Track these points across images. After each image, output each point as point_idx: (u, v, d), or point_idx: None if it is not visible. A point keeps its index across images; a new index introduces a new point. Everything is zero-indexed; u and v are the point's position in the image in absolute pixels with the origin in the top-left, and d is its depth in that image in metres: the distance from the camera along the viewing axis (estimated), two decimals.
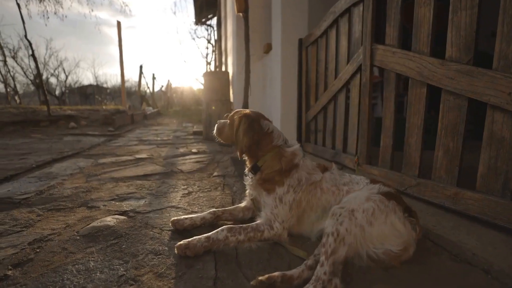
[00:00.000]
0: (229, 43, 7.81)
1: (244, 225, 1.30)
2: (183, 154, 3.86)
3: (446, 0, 1.64)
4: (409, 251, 1.16)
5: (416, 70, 1.83)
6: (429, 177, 1.76)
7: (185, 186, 2.35)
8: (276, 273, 1.05)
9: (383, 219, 1.13)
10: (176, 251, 1.22)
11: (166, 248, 1.31)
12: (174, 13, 46.79)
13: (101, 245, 1.35)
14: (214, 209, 1.58)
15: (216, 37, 12.58)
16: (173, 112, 15.25)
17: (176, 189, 2.27)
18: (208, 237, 1.24)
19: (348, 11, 2.61)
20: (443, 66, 1.65)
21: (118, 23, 10.88)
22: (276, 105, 4.13)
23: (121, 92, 11.52)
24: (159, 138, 5.64)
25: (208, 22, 15.80)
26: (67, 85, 26.35)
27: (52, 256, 1.25)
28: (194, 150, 4.16)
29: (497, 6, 1.37)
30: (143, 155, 3.74)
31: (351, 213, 1.13)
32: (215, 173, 2.79)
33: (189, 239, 1.24)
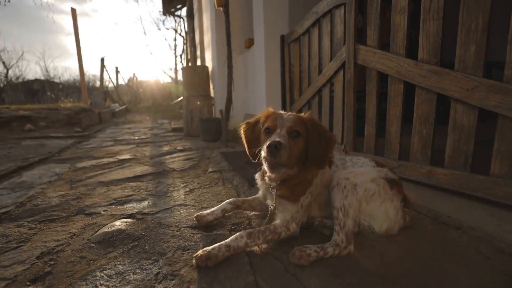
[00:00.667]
0: (207, 37, 7.64)
1: (261, 228, 1.31)
2: (169, 152, 3.81)
3: (418, 8, 1.88)
4: (389, 233, 1.37)
5: (395, 69, 2.08)
6: (407, 159, 2.05)
7: (185, 184, 2.38)
8: (316, 218, 1.47)
9: (378, 204, 1.33)
10: (195, 262, 1.16)
11: (193, 243, 1.38)
12: (137, 1, 43.57)
13: (121, 249, 1.37)
14: (234, 199, 1.64)
15: (186, 29, 12.13)
16: (143, 108, 14.53)
17: (176, 188, 2.29)
18: (228, 246, 1.21)
19: (330, 12, 2.78)
20: (416, 66, 1.93)
21: (73, 11, 10.00)
22: (261, 98, 4.23)
23: (81, 87, 10.66)
24: (136, 137, 5.43)
25: (177, 13, 15.14)
26: (9, 80, 23.20)
27: (72, 266, 1.24)
28: (179, 148, 4.11)
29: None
30: (126, 156, 3.62)
31: (354, 188, 1.32)
32: (210, 169, 2.83)
33: (209, 249, 1.19)
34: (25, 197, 2.14)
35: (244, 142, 1.49)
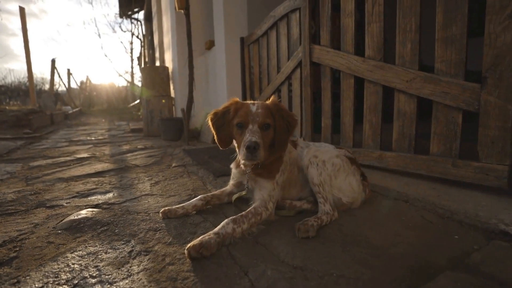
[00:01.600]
0: (167, 39, 7.51)
1: (243, 213, 1.32)
2: (130, 151, 3.70)
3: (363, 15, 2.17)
4: (354, 205, 1.57)
5: (346, 65, 2.34)
6: (360, 146, 2.30)
7: (149, 177, 2.37)
8: (286, 200, 1.56)
9: (344, 177, 1.52)
10: (188, 254, 1.08)
11: (163, 225, 1.41)
12: (91, 3, 40.83)
13: (90, 234, 1.35)
14: (203, 195, 1.62)
15: (144, 32, 11.75)
16: (97, 111, 13.64)
17: (141, 181, 2.27)
18: (217, 233, 1.17)
19: (286, 16, 3.01)
20: (364, 62, 2.19)
21: (21, 9, 9.11)
22: (222, 97, 4.32)
23: (29, 89, 9.71)
24: (93, 138, 5.13)
25: (135, 16, 14.58)
26: None
27: (40, 250, 1.21)
28: (140, 146, 4.01)
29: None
30: (84, 155, 3.44)
31: (323, 164, 1.49)
32: (174, 164, 2.84)
33: (200, 238, 1.14)
34: None
35: (213, 130, 1.54)
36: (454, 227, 1.32)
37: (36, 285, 0.97)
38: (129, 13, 13.36)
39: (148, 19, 10.11)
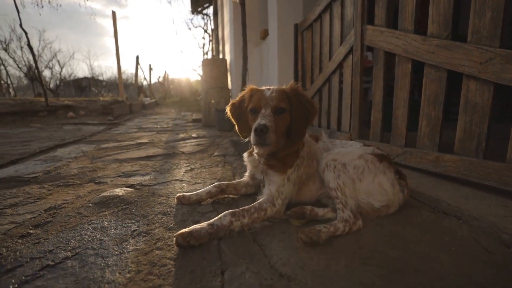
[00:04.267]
0: (226, 31, 7.82)
1: (246, 207, 1.24)
2: (184, 139, 3.98)
3: None
4: (390, 209, 1.31)
5: (402, 47, 1.95)
6: (414, 145, 1.91)
7: (188, 164, 2.48)
8: (308, 206, 1.34)
9: (371, 178, 1.27)
10: (176, 241, 1.05)
11: (174, 210, 1.45)
12: (169, 2, 45.65)
13: (112, 210, 1.49)
14: (219, 183, 1.57)
15: (213, 26, 12.48)
16: (171, 102, 15.28)
17: (179, 167, 2.40)
18: (211, 224, 1.12)
19: None
20: (425, 42, 1.78)
21: (113, 13, 10.79)
22: None
23: (118, 83, 11.50)
24: (158, 126, 5.73)
25: (205, 11, 15.62)
26: (62, 78, 25.93)
27: (68, 219, 1.39)
28: (194, 135, 4.27)
29: None
30: (144, 140, 3.85)
31: (344, 167, 1.28)
32: (216, 153, 2.91)
33: (191, 227, 1.10)
34: (52, 167, 2.42)
35: (233, 121, 1.50)
36: None
37: (48, 248, 1.09)
38: (199, 9, 14.32)
39: (215, 14, 10.66)
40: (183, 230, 1.08)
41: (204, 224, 1.13)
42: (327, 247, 1.07)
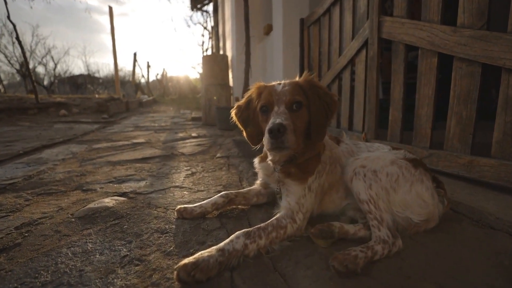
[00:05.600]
0: (227, 27, 7.56)
1: (262, 225, 1.04)
2: (183, 138, 3.73)
3: None
4: (430, 223, 1.11)
5: (427, 40, 1.74)
6: (441, 147, 1.70)
7: (188, 167, 2.23)
8: (336, 223, 1.11)
9: (408, 187, 1.06)
10: (177, 276, 0.83)
11: (173, 226, 1.21)
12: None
13: (99, 226, 1.24)
14: (226, 192, 1.35)
15: (212, 23, 12.20)
16: (169, 100, 14.97)
17: (178, 171, 2.15)
18: (221, 250, 0.91)
19: None
20: (455, 33, 1.57)
21: (110, 9, 10.48)
22: None
23: (115, 81, 11.20)
24: (156, 124, 5.47)
25: (204, 8, 15.30)
26: (56, 75, 25.29)
27: (44, 239, 1.14)
28: (194, 134, 4.02)
29: None
30: (141, 140, 3.60)
31: (374, 174, 1.06)
32: (218, 155, 2.67)
33: (196, 256, 0.87)
34: (35, 171, 2.16)
35: (240, 127, 1.27)
36: None
37: (9, 286, 0.84)
38: (199, 5, 14.02)
39: (215, 10, 10.40)
40: (186, 261, 0.84)
41: (212, 250, 0.91)
42: (366, 277, 0.85)
